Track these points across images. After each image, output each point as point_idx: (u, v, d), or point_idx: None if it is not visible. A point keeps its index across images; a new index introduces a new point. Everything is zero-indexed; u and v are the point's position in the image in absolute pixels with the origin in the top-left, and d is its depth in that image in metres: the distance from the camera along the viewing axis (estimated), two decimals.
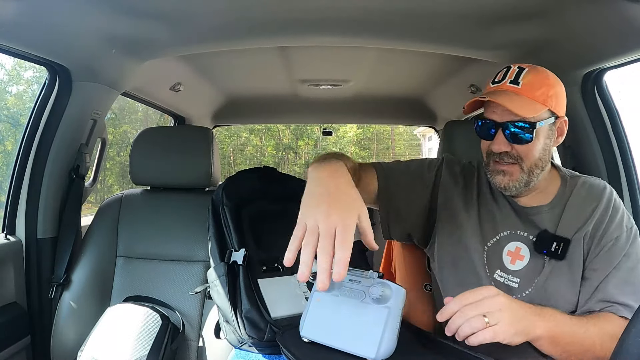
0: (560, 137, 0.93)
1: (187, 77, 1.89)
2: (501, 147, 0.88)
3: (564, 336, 0.77)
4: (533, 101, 0.86)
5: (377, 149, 17.59)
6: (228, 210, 0.98)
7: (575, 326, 0.78)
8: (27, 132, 1.32)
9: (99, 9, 1.06)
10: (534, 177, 0.90)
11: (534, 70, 0.89)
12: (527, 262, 0.91)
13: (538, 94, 0.86)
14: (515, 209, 0.95)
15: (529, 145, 0.88)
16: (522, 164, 0.89)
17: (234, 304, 0.85)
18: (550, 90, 0.88)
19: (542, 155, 0.90)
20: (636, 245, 0.89)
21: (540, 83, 0.88)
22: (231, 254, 0.90)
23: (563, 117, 0.91)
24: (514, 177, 0.90)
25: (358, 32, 1.28)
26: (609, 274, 0.86)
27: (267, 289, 0.88)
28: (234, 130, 15.12)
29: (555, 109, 0.89)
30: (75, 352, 1.11)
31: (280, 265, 0.94)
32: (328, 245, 0.62)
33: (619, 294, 0.84)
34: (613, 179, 1.31)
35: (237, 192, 1.03)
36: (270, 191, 1.09)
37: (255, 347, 0.85)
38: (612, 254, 0.87)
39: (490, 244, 0.95)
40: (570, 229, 0.89)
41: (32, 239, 1.32)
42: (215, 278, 0.90)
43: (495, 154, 0.90)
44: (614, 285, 0.85)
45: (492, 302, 0.73)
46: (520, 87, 0.87)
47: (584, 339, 0.78)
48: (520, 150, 0.88)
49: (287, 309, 0.86)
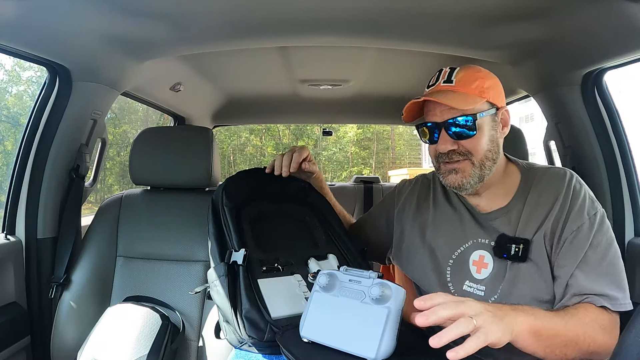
0: (505, 127, 0.93)
1: (187, 77, 1.89)
2: (447, 146, 0.89)
3: (545, 329, 0.74)
4: (469, 95, 0.87)
5: (377, 149, 17.60)
6: (228, 211, 0.98)
7: (555, 319, 0.76)
8: (27, 132, 1.32)
9: (99, 9, 1.06)
10: (486, 169, 0.90)
11: (466, 68, 0.91)
12: (491, 269, 0.89)
13: (473, 87, 0.88)
14: (475, 217, 0.95)
15: (474, 139, 0.88)
16: (472, 158, 0.89)
17: (234, 304, 0.85)
18: (485, 82, 0.89)
19: (491, 147, 0.90)
20: (602, 231, 0.85)
21: (473, 77, 0.89)
22: (231, 254, 0.90)
23: (504, 107, 0.92)
24: (466, 173, 0.89)
25: (358, 32, 1.28)
26: (576, 267, 0.83)
27: (267, 289, 0.88)
28: (234, 130, 15.15)
29: (494, 100, 0.89)
30: (75, 352, 1.11)
31: (280, 266, 0.94)
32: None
33: (593, 285, 0.81)
34: (613, 179, 1.31)
35: (237, 193, 1.03)
36: (270, 191, 1.09)
37: (255, 347, 0.85)
38: (575, 247, 0.84)
39: (455, 255, 0.94)
40: (530, 228, 0.87)
41: (32, 239, 1.32)
42: (215, 278, 0.90)
43: (443, 155, 0.91)
44: (586, 277, 0.82)
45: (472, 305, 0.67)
46: (455, 85, 0.88)
47: (566, 331, 0.75)
48: (466, 145, 0.89)
49: (287, 309, 0.86)
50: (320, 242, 1.05)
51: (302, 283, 0.92)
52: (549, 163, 1.58)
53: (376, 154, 17.55)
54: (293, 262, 0.96)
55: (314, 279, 0.89)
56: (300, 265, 0.96)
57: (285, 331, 0.80)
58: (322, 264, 0.98)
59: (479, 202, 0.95)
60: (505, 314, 0.69)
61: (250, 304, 0.84)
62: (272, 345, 0.82)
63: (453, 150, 0.89)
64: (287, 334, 0.79)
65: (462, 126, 0.87)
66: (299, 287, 0.91)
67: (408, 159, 17.76)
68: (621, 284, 0.83)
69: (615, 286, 0.82)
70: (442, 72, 0.92)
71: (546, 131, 1.54)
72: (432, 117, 0.91)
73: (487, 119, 0.89)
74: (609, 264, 0.83)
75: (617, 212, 1.31)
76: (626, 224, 1.30)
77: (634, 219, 1.31)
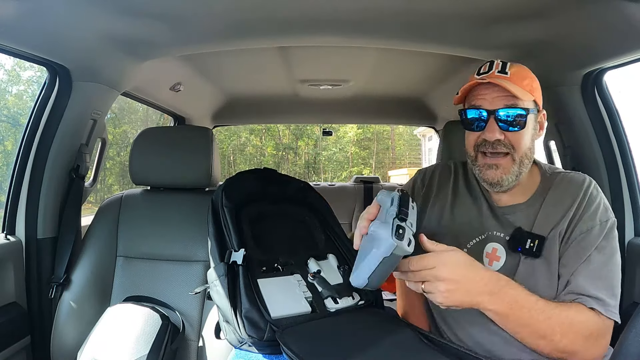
0: (541, 130, 0.93)
1: (187, 77, 1.89)
2: (495, 135, 0.87)
3: (516, 319, 0.77)
4: (523, 89, 0.86)
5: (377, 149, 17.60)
6: (228, 211, 0.98)
7: (537, 312, 0.77)
8: (27, 132, 1.32)
9: (99, 9, 1.06)
10: (524, 167, 0.90)
11: (517, 65, 0.91)
12: (503, 263, 0.90)
13: (525, 83, 0.87)
14: (492, 209, 0.95)
15: (521, 133, 0.87)
16: (514, 153, 0.88)
17: (233, 304, 0.86)
18: (534, 82, 0.90)
19: (530, 146, 0.90)
20: (610, 238, 0.86)
21: (524, 74, 0.89)
22: (231, 254, 0.91)
23: (543, 111, 0.93)
24: (506, 170, 0.88)
25: (358, 32, 1.28)
26: (579, 267, 0.84)
27: (266, 288, 0.88)
28: (234, 130, 15.14)
29: (539, 101, 0.90)
30: (75, 352, 1.11)
31: (280, 266, 0.94)
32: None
33: (590, 287, 0.82)
34: (613, 179, 1.31)
35: (237, 193, 1.03)
36: (269, 192, 1.10)
37: (255, 346, 0.86)
38: (582, 247, 0.85)
39: (470, 245, 0.94)
40: (547, 226, 0.88)
41: (32, 239, 1.32)
42: (215, 278, 0.91)
43: (488, 143, 0.88)
44: (584, 277, 0.83)
45: (449, 270, 0.74)
46: (510, 76, 0.87)
47: (542, 326, 0.77)
48: (512, 138, 0.87)
49: (286, 309, 0.86)
50: (320, 242, 1.05)
51: (301, 283, 0.93)
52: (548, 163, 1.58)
53: (376, 154, 17.55)
54: (293, 262, 0.96)
55: (313, 279, 0.89)
56: (299, 265, 0.96)
57: (285, 329, 0.81)
58: (322, 264, 0.98)
59: (501, 197, 0.95)
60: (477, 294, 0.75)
61: (250, 304, 0.84)
62: (272, 344, 0.82)
63: (499, 140, 0.87)
64: (287, 331, 0.80)
65: (514, 117, 0.86)
66: (299, 287, 0.92)
67: (408, 159, 17.76)
68: (615, 292, 0.83)
69: (610, 293, 0.82)
70: (494, 63, 0.90)
71: (546, 131, 1.54)
72: (482, 102, 0.88)
73: (532, 117, 0.89)
74: (609, 270, 0.84)
75: (617, 212, 1.30)
76: (626, 224, 1.30)
77: (634, 219, 1.31)
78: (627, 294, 1.24)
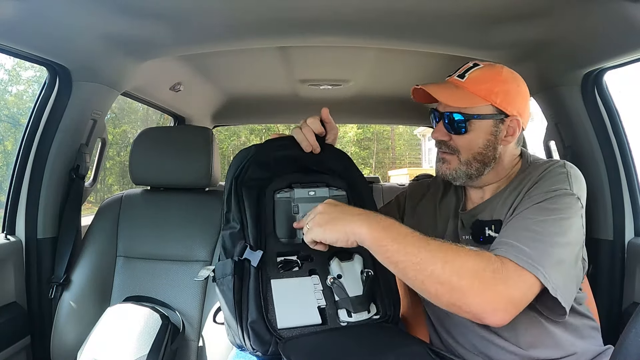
0: (510, 136, 0.88)
1: (187, 77, 1.89)
2: (438, 136, 0.91)
3: (393, 240, 0.70)
4: (472, 95, 0.86)
5: (377, 149, 17.60)
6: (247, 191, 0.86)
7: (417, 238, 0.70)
8: (27, 132, 1.32)
9: (99, 9, 1.06)
10: (472, 170, 0.89)
11: (488, 67, 0.89)
12: None
13: (481, 89, 0.86)
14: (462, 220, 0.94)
15: (465, 137, 0.88)
16: (460, 156, 0.89)
17: (239, 310, 0.79)
18: (497, 86, 0.86)
19: (485, 151, 0.88)
20: (556, 202, 0.78)
21: (487, 78, 0.87)
22: (245, 249, 0.81)
23: (514, 116, 0.87)
24: (451, 166, 0.91)
25: (358, 32, 1.28)
26: (509, 221, 0.80)
27: (278, 292, 0.80)
28: (234, 130, 15.13)
29: (502, 106, 0.86)
30: (75, 352, 1.11)
31: (300, 260, 0.85)
32: None
33: (510, 236, 0.75)
34: (613, 179, 1.31)
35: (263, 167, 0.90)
36: (302, 162, 0.93)
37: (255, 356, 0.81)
38: (521, 214, 0.79)
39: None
40: (504, 209, 0.86)
41: (32, 239, 1.32)
42: (222, 275, 0.83)
43: (437, 142, 0.93)
44: (508, 228, 0.78)
45: (326, 205, 0.78)
46: (464, 81, 0.88)
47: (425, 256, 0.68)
48: (457, 141, 0.89)
49: (295, 319, 0.79)
50: None
51: (318, 287, 0.83)
52: None
53: (376, 154, 17.55)
54: (314, 257, 0.85)
55: (332, 284, 0.81)
56: (321, 263, 0.85)
57: (288, 341, 0.76)
58: (345, 266, 0.85)
59: (483, 194, 0.94)
60: (340, 218, 0.75)
61: (258, 314, 0.77)
62: (275, 358, 0.76)
63: (444, 141, 0.91)
64: (291, 344, 0.75)
65: (453, 122, 0.88)
66: (314, 293, 0.82)
67: (408, 159, 17.77)
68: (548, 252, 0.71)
69: (534, 245, 0.72)
70: (465, 65, 0.91)
71: (546, 131, 1.54)
72: (438, 104, 0.92)
73: (486, 123, 0.87)
74: (545, 229, 0.74)
75: (617, 212, 1.31)
76: (626, 224, 1.30)
77: (634, 219, 1.31)
78: (627, 294, 1.24)
